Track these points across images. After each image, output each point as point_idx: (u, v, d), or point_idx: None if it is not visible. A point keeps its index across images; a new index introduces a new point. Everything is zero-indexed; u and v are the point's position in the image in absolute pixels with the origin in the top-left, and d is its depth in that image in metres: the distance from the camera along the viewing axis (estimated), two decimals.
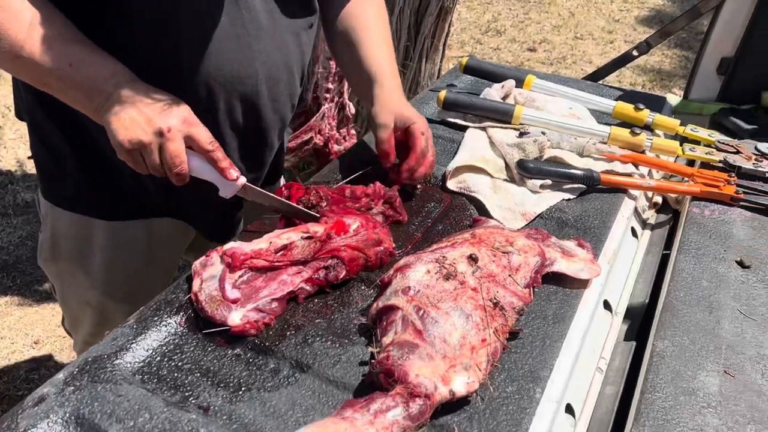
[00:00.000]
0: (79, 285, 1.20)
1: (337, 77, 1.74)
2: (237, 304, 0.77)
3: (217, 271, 0.81)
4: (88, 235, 1.12)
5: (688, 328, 0.80)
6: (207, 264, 0.83)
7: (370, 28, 1.11)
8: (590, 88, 1.40)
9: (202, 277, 0.81)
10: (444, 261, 0.79)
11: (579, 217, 1.00)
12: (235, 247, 0.82)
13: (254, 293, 0.79)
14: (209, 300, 0.78)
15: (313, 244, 0.84)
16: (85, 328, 1.29)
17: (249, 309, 0.77)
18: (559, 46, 4.51)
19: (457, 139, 1.18)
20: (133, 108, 0.83)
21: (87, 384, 0.69)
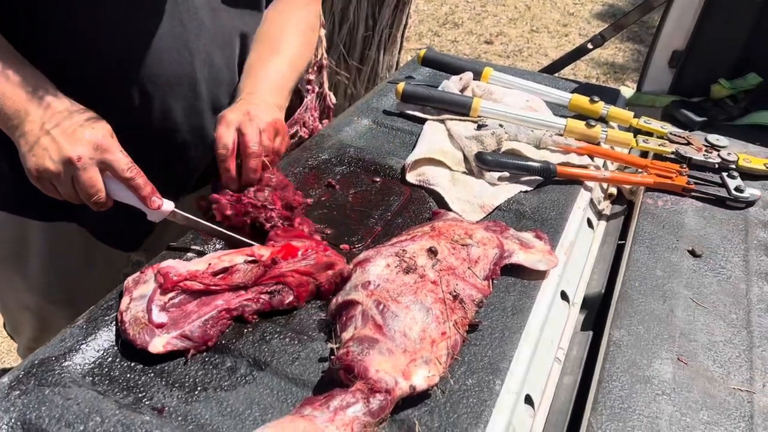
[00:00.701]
0: (17, 289, 1.15)
1: (316, 68, 1.71)
2: (162, 329, 0.72)
3: (148, 291, 0.75)
4: (24, 237, 1.08)
5: (642, 317, 0.82)
6: (140, 281, 0.77)
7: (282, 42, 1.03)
8: (546, 81, 1.42)
9: (132, 295, 0.76)
10: (404, 254, 0.79)
11: (536, 208, 1.01)
12: (169, 267, 0.77)
13: (183, 318, 0.73)
14: (133, 322, 0.72)
15: (257, 268, 0.78)
16: (26, 333, 1.24)
17: (174, 336, 0.71)
18: (516, 39, 4.55)
19: (416, 131, 1.18)
20: (42, 133, 0.78)
21: (33, 388, 0.66)
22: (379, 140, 1.16)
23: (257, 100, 0.93)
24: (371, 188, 1.03)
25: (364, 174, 1.07)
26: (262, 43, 1.02)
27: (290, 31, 1.05)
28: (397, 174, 1.07)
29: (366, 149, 1.12)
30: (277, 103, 0.95)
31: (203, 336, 0.72)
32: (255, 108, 0.90)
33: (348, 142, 1.14)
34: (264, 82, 0.97)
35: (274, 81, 0.98)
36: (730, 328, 0.82)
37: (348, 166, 1.08)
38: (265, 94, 0.95)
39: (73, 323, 0.74)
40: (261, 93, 0.95)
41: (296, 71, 1.03)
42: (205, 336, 0.72)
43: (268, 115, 0.90)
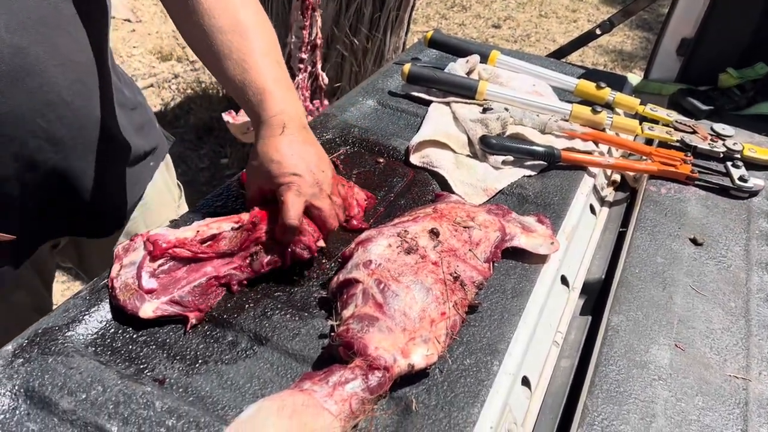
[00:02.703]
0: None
1: (309, 47, 1.71)
2: (152, 295, 0.73)
3: (138, 258, 0.76)
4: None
5: (641, 303, 0.82)
6: (129, 249, 0.78)
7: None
8: (553, 66, 1.41)
9: (122, 262, 0.76)
10: (406, 235, 0.79)
11: (539, 193, 1.01)
12: (159, 234, 0.78)
13: (173, 284, 0.74)
14: (123, 288, 0.74)
15: (240, 234, 0.79)
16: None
17: (164, 301, 0.73)
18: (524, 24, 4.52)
19: (421, 113, 1.17)
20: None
21: (37, 356, 0.67)
22: (384, 121, 1.16)
23: (302, 128, 0.84)
24: (375, 169, 1.04)
25: (368, 155, 1.07)
26: (223, 32, 0.85)
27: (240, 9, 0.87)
28: (401, 155, 1.07)
29: (370, 130, 1.12)
30: (300, 116, 0.85)
31: (193, 302, 0.74)
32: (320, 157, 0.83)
33: (352, 122, 1.14)
34: (282, 88, 0.85)
35: (286, 81, 0.87)
36: (729, 316, 0.82)
37: (352, 147, 1.08)
38: (297, 107, 0.85)
39: (77, 294, 0.75)
40: (295, 108, 0.84)
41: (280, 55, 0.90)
42: (195, 302, 0.74)
43: (329, 168, 0.84)
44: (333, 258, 0.85)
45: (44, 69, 0.82)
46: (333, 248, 0.86)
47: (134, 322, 0.72)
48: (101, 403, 0.63)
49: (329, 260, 0.85)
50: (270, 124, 0.82)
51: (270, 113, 0.82)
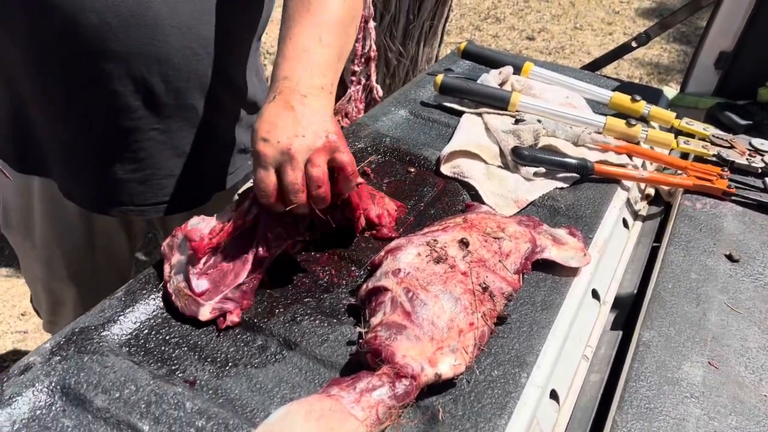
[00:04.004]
0: (29, 257, 1.18)
1: (363, 59, 1.72)
2: (204, 296, 0.74)
3: (184, 258, 0.77)
4: (30, 206, 1.10)
5: (674, 319, 0.81)
6: (174, 246, 0.79)
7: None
8: (588, 78, 1.40)
9: (171, 262, 0.78)
10: (435, 244, 0.79)
11: (571, 205, 1.00)
12: (195, 229, 0.77)
13: (221, 279, 0.76)
14: (178, 293, 0.75)
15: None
16: (44, 306, 1.27)
17: (217, 300, 0.74)
18: (558, 36, 4.50)
19: (453, 123, 1.18)
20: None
21: (73, 354, 0.68)
22: (416, 131, 1.17)
23: (297, 96, 0.76)
24: (405, 178, 1.04)
25: (399, 164, 1.07)
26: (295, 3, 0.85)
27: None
28: (431, 165, 1.07)
29: (402, 139, 1.13)
30: (321, 85, 0.79)
31: (242, 296, 0.76)
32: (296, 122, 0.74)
33: (384, 131, 1.15)
34: (302, 60, 0.80)
35: (316, 57, 0.81)
36: (765, 335, 0.80)
37: (383, 156, 1.09)
38: (306, 78, 0.78)
39: (113, 295, 0.77)
40: (301, 78, 0.78)
41: (342, 38, 0.85)
42: (244, 296, 0.76)
43: (313, 134, 0.74)
44: (362, 266, 0.85)
45: (160, 25, 0.88)
46: (362, 256, 0.87)
47: (169, 325, 0.74)
48: (134, 402, 0.64)
49: (358, 268, 0.85)
50: (270, 89, 0.79)
51: (275, 78, 0.80)
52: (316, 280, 0.83)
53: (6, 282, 2.20)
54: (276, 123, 0.73)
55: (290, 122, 0.74)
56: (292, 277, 0.83)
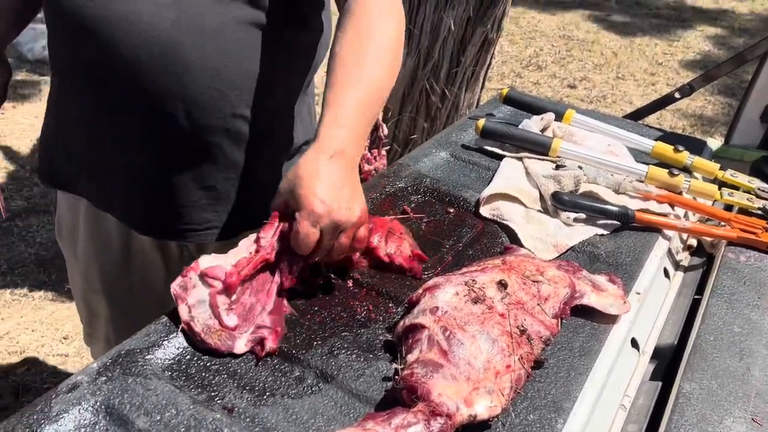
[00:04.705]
0: (72, 267, 1.25)
1: None
2: (237, 330, 0.76)
3: (205, 296, 0.77)
4: (76, 220, 1.17)
5: (716, 372, 0.79)
6: (188, 287, 0.78)
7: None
8: (630, 127, 1.40)
9: (188, 302, 0.77)
10: (473, 284, 0.80)
11: (611, 252, 1.00)
12: (213, 268, 0.78)
13: (249, 312, 0.78)
14: (208, 331, 0.75)
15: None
16: (83, 317, 1.33)
17: (251, 332, 0.76)
18: (600, 85, 4.51)
19: (493, 167, 1.19)
20: None
21: (118, 375, 0.71)
22: (456, 173, 1.18)
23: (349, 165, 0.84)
24: (444, 218, 1.05)
25: (439, 204, 1.09)
26: (340, 67, 0.90)
27: (372, 52, 0.92)
28: (471, 207, 1.08)
29: (442, 180, 1.14)
30: (353, 156, 0.86)
31: (274, 322, 0.78)
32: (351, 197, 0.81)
33: (425, 172, 1.17)
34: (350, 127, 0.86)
35: (360, 127, 0.88)
36: None
37: (423, 196, 1.11)
38: (352, 149, 0.85)
39: (158, 320, 0.79)
40: (348, 147, 0.85)
41: (378, 101, 0.93)
42: (275, 322, 0.78)
43: (360, 211, 0.82)
44: (400, 303, 0.86)
45: (188, 65, 0.93)
46: (400, 293, 0.88)
47: (210, 353, 0.76)
48: (174, 426, 0.65)
49: (396, 305, 0.86)
50: (321, 144, 0.83)
51: (325, 133, 0.84)
52: (353, 314, 0.84)
53: (51, 305, 2.27)
54: (335, 194, 0.80)
55: (347, 195, 0.81)
56: (330, 311, 0.84)
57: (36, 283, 2.34)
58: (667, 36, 5.40)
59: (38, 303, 2.27)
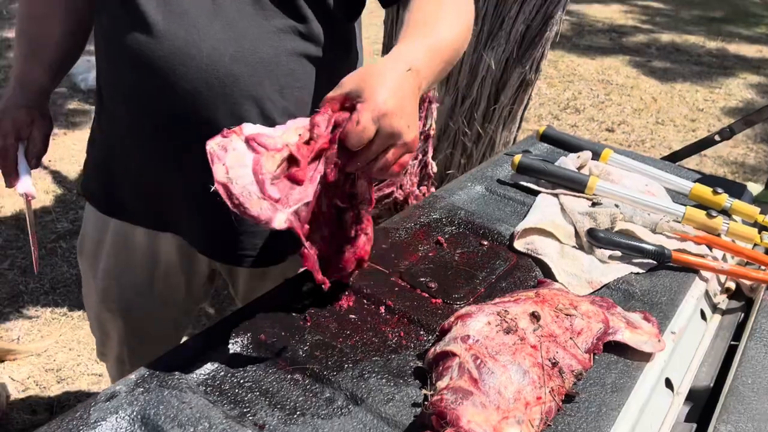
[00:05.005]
0: (89, 285, 1.28)
1: (422, 136, 1.80)
2: (278, 203, 0.70)
3: (247, 160, 0.71)
4: (102, 240, 1.20)
5: (753, 415, 0.77)
6: (227, 147, 0.71)
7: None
8: (668, 169, 1.40)
9: (226, 163, 0.70)
10: (506, 315, 0.80)
11: (647, 291, 0.99)
12: (265, 134, 0.73)
13: (288, 194, 0.71)
14: (248, 196, 0.69)
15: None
16: (96, 336, 1.36)
17: (290, 212, 0.70)
18: (639, 129, 4.48)
19: (528, 202, 1.20)
20: None
21: (155, 387, 0.73)
22: (491, 206, 1.19)
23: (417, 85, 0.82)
24: (478, 250, 1.06)
25: (473, 236, 1.10)
26: (412, 25, 0.91)
27: (444, 16, 0.93)
28: (505, 240, 1.09)
29: (476, 213, 1.16)
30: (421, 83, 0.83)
31: (307, 217, 0.73)
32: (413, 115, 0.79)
33: (459, 204, 1.18)
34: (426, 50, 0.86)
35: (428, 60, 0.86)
36: None
37: (457, 227, 1.12)
38: (425, 69, 0.84)
39: (195, 336, 0.81)
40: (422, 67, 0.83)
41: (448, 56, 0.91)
42: (308, 215, 0.73)
43: (415, 133, 0.79)
44: (431, 330, 0.87)
45: (245, 96, 0.98)
46: (431, 321, 0.88)
47: (243, 370, 0.77)
48: None
49: (427, 333, 0.87)
50: (399, 56, 0.82)
51: (405, 49, 0.84)
52: (385, 340, 0.85)
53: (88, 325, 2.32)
54: (402, 104, 0.77)
55: (410, 112, 0.79)
56: (362, 335, 0.85)
57: (75, 303, 2.39)
58: (709, 83, 5.36)
59: (77, 323, 2.33)
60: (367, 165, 0.79)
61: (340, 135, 0.75)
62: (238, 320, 0.85)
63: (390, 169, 0.79)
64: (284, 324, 0.85)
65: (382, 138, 0.76)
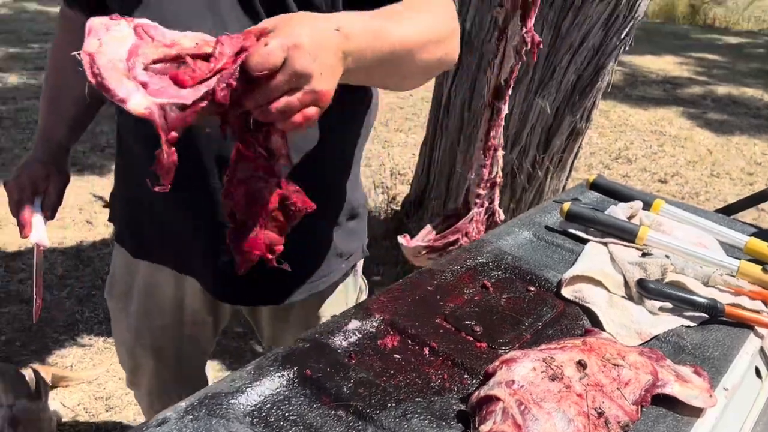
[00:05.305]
0: (121, 324, 1.33)
1: (488, 184, 1.82)
2: (145, 89, 0.64)
3: (127, 43, 0.65)
4: (132, 282, 1.26)
5: None
6: (110, 27, 0.66)
7: None
8: (722, 222, 1.37)
9: (101, 38, 0.64)
10: (551, 362, 0.80)
11: (698, 345, 0.96)
12: (154, 25, 0.68)
13: (163, 88, 0.65)
14: (111, 68, 0.62)
15: None
16: (126, 366, 1.41)
17: (156, 102, 0.63)
18: (693, 182, 4.39)
19: (577, 250, 1.19)
20: None
21: (204, 416, 0.75)
22: (538, 253, 1.19)
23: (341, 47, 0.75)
24: (524, 296, 1.06)
25: (519, 282, 1.10)
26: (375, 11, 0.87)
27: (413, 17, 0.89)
28: (552, 287, 1.08)
29: (524, 259, 1.16)
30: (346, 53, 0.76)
31: (177, 124, 0.65)
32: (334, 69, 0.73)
33: (506, 249, 1.19)
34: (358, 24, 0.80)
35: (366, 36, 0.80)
36: None
37: (504, 272, 1.12)
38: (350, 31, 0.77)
39: (244, 368, 0.83)
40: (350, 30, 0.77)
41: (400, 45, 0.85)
42: (179, 120, 0.65)
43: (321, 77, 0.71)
44: (475, 374, 0.87)
45: None
46: (476, 365, 0.88)
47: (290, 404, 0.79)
48: None
49: (471, 376, 0.87)
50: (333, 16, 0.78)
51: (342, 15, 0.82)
52: (428, 381, 0.85)
53: None
54: (320, 52, 0.71)
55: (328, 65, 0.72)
56: (405, 375, 0.86)
57: None
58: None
59: None
60: (268, 104, 0.70)
61: (244, 59, 0.68)
62: (285, 354, 0.86)
63: (292, 116, 0.71)
64: (329, 360, 0.87)
65: (288, 72, 0.68)
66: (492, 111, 1.56)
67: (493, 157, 1.99)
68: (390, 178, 4.05)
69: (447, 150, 2.65)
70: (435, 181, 2.80)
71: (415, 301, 1.01)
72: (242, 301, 1.22)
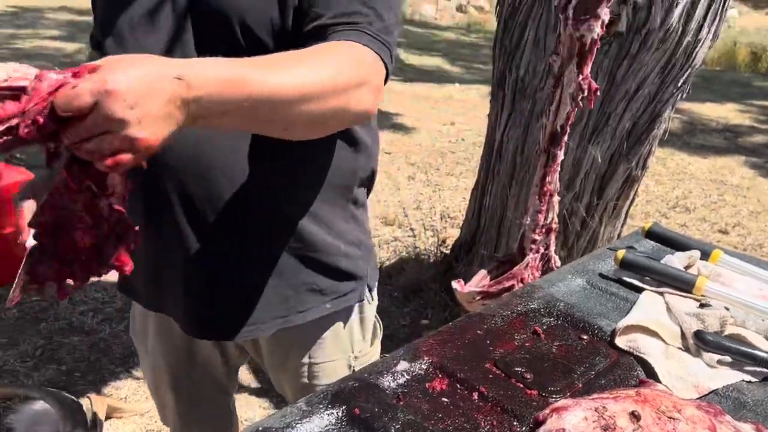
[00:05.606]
0: (144, 361, 1.39)
1: (544, 230, 1.82)
2: None
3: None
4: (147, 321, 1.32)
5: None
6: None
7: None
8: None
9: None
10: (604, 411, 0.78)
11: (759, 402, 0.93)
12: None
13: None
14: None
15: None
16: (156, 403, 1.46)
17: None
18: (756, 233, 4.23)
19: (632, 298, 1.17)
20: None
21: None
22: (592, 300, 1.18)
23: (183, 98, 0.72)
24: (577, 344, 1.04)
25: (572, 329, 1.08)
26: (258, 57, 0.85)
27: (306, 64, 0.85)
28: (606, 336, 1.06)
29: (576, 306, 1.14)
30: (189, 75, 0.72)
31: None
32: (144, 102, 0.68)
33: (559, 296, 1.17)
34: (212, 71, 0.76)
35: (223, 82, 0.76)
36: None
37: (556, 319, 1.11)
38: (196, 81, 0.73)
39: (295, 404, 0.85)
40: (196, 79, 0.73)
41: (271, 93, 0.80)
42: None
43: (140, 125, 0.68)
44: (524, 421, 0.85)
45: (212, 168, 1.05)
46: (525, 411, 0.87)
47: None
48: None
49: (520, 423, 0.85)
50: (187, 61, 0.76)
51: (201, 61, 0.78)
52: (476, 427, 0.84)
53: None
54: (146, 101, 0.68)
55: (154, 112, 0.70)
56: (453, 420, 0.85)
57: None
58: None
59: None
60: (79, 142, 0.68)
61: (55, 97, 0.67)
62: (335, 392, 0.87)
63: (102, 158, 0.69)
64: (378, 400, 0.87)
65: (98, 117, 0.67)
66: (548, 156, 1.57)
67: (549, 203, 1.98)
68: (440, 221, 4.06)
69: (498, 194, 2.66)
70: (485, 225, 2.80)
71: (464, 345, 1.01)
72: (207, 336, 1.25)
